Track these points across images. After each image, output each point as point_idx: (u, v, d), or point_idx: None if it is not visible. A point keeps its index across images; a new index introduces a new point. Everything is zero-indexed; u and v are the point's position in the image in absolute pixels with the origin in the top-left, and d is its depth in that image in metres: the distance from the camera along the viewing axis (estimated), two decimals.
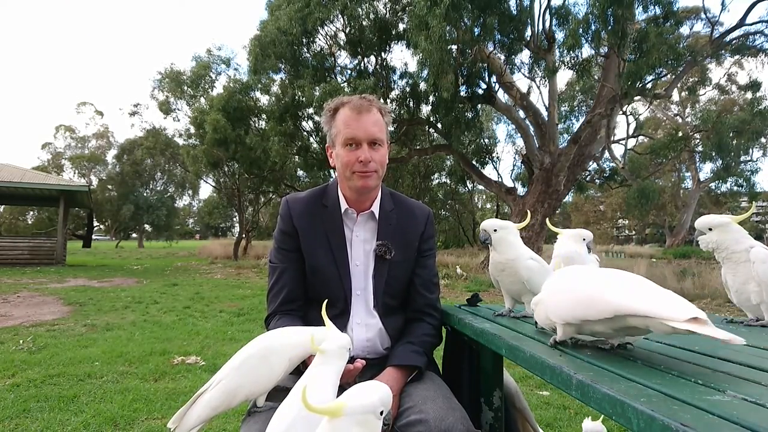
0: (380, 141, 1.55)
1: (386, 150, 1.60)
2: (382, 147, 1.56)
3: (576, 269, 1.17)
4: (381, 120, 1.57)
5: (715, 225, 1.48)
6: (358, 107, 1.53)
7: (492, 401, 1.60)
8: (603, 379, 0.86)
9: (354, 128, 1.52)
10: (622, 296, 0.97)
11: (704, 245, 1.52)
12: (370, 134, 1.52)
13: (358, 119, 1.52)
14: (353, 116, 1.52)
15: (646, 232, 59.08)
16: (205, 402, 1.27)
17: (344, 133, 1.53)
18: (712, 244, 1.49)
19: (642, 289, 1.00)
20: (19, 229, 41.91)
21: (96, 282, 11.65)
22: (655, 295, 0.97)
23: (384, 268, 1.60)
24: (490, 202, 36.69)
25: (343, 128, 1.53)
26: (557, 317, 1.11)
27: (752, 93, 16.74)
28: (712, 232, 1.49)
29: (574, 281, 1.11)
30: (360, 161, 1.51)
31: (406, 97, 15.41)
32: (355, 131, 1.51)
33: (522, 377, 3.94)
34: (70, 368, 4.03)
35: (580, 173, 15.68)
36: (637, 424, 0.72)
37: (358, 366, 1.33)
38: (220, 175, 25.06)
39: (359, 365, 1.34)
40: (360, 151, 1.51)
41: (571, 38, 11.23)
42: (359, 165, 1.51)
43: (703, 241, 1.51)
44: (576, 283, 1.09)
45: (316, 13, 14.03)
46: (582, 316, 1.04)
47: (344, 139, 1.53)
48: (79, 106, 54.01)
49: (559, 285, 1.14)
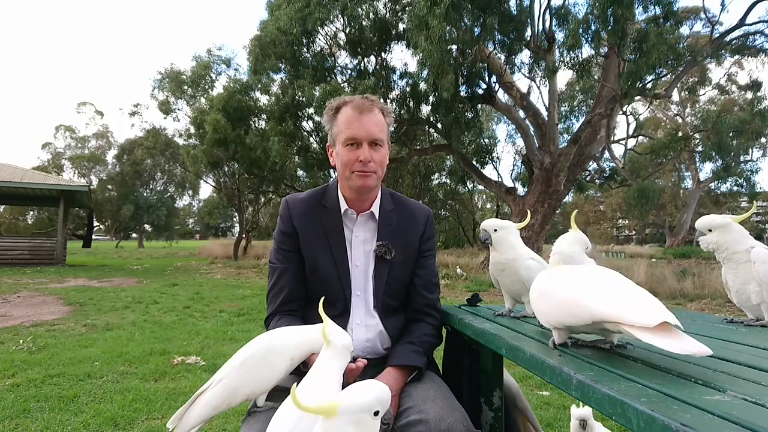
0: (381, 141, 1.55)
1: (386, 151, 1.60)
2: (382, 147, 1.56)
3: (558, 272, 1.16)
4: (382, 120, 1.57)
5: (716, 226, 1.48)
6: (360, 107, 1.53)
7: (492, 401, 1.60)
8: (603, 379, 0.86)
9: (355, 128, 1.52)
10: (595, 302, 0.96)
11: (705, 246, 1.51)
12: (370, 134, 1.52)
13: (359, 119, 1.52)
14: (355, 116, 1.53)
15: (646, 232, 59.09)
16: (205, 401, 1.27)
17: (345, 133, 1.53)
18: (712, 245, 1.49)
19: (616, 292, 0.98)
20: (19, 229, 41.95)
21: (96, 282, 11.65)
22: (627, 299, 0.95)
23: (384, 269, 1.60)
24: (490, 202, 36.70)
25: (345, 127, 1.53)
26: (546, 323, 1.12)
27: (752, 93, 16.74)
28: (712, 233, 1.49)
29: (554, 286, 1.10)
30: (360, 161, 1.51)
31: (406, 97, 15.40)
32: (356, 131, 1.52)
33: (522, 377, 3.94)
34: (70, 368, 4.03)
35: (580, 173, 15.67)
36: (637, 424, 0.72)
37: (359, 365, 1.33)
38: (220, 175, 25.06)
39: (361, 365, 1.34)
40: (360, 150, 1.52)
41: (571, 38, 11.22)
42: (359, 164, 1.52)
43: (704, 242, 1.51)
44: (556, 289, 1.09)
45: (316, 13, 14.03)
46: (567, 322, 1.05)
47: (345, 139, 1.53)
48: (79, 106, 54.02)
49: (542, 288, 1.14)
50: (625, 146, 17.00)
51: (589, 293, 0.99)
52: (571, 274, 1.12)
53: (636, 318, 0.89)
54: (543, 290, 1.13)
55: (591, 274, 1.08)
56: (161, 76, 25.40)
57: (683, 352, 0.84)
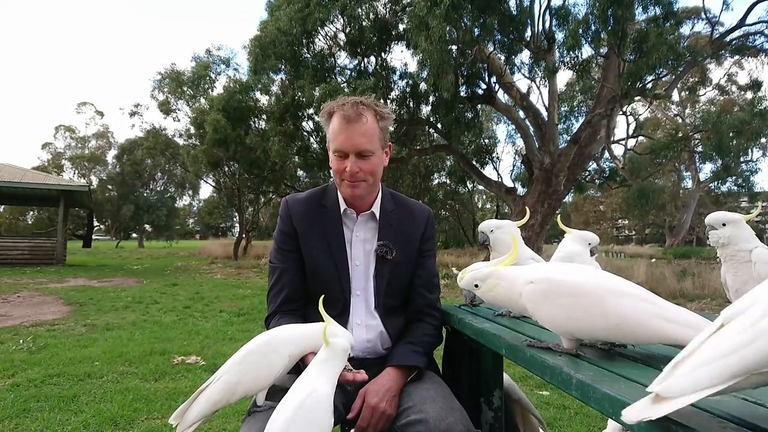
0: (368, 152, 1.52)
1: (379, 157, 1.57)
2: (372, 156, 1.53)
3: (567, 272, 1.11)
4: (373, 128, 1.53)
5: (729, 220, 1.49)
6: (347, 117, 1.51)
7: (492, 401, 1.60)
8: (603, 379, 0.87)
9: (341, 140, 1.51)
10: (663, 323, 0.96)
11: (715, 240, 1.50)
12: (356, 146, 1.50)
13: (345, 130, 1.51)
14: (342, 126, 1.51)
15: (646, 232, 59.08)
16: (206, 397, 1.29)
17: (333, 143, 1.54)
18: (724, 239, 1.49)
19: (667, 310, 0.97)
20: (19, 229, 41.89)
21: (96, 282, 11.65)
22: (689, 318, 0.97)
23: (385, 269, 1.61)
24: (490, 202, 36.66)
25: (333, 137, 1.54)
26: (563, 331, 1.07)
27: (752, 93, 16.74)
28: (725, 228, 1.49)
29: (576, 292, 1.05)
30: (346, 172, 1.52)
31: (406, 97, 15.40)
32: (342, 143, 1.51)
33: (522, 377, 3.94)
34: (70, 368, 4.03)
35: (580, 173, 15.68)
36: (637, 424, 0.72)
37: (358, 378, 1.32)
38: (220, 175, 25.06)
39: (359, 378, 1.33)
40: (347, 161, 1.52)
41: (571, 38, 11.23)
42: (346, 174, 1.52)
43: (715, 236, 1.50)
44: (582, 298, 1.02)
45: (316, 13, 14.02)
46: (598, 336, 1.04)
47: (333, 149, 1.55)
48: (79, 106, 53.83)
49: (549, 289, 1.07)
50: (625, 146, 17.03)
51: (649, 311, 0.96)
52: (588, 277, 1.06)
53: None
54: (550, 292, 1.05)
55: (603, 279, 1.05)
56: (161, 77, 25.41)
57: None
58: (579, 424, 3.08)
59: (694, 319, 0.97)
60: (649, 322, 0.95)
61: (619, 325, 0.97)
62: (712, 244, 1.52)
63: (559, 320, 1.04)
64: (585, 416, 3.18)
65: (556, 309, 1.04)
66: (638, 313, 0.96)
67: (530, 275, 1.10)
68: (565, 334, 1.06)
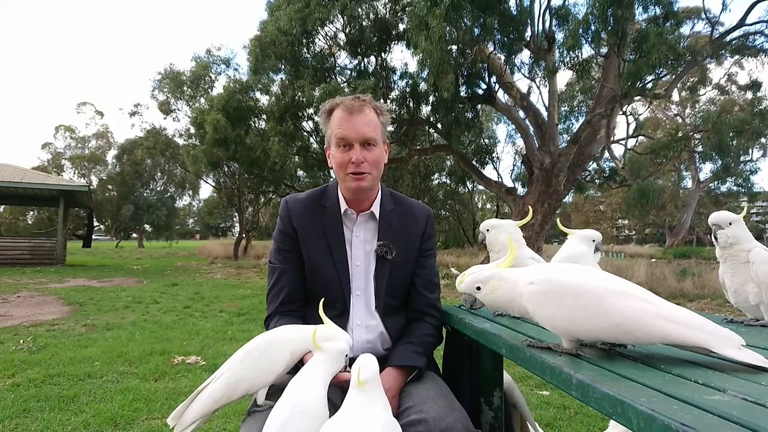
0: (373, 141, 1.54)
1: (381, 150, 1.59)
2: (376, 147, 1.55)
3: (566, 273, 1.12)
4: (375, 120, 1.55)
5: (734, 219, 1.49)
6: (350, 108, 1.53)
7: (492, 401, 1.60)
8: (603, 379, 0.87)
9: (346, 129, 1.52)
10: (667, 324, 0.97)
11: (724, 240, 1.49)
12: (361, 134, 1.51)
13: (349, 120, 1.52)
14: (345, 117, 1.52)
15: (646, 232, 59.06)
16: (207, 395, 1.29)
17: (336, 134, 1.53)
18: (732, 238, 1.48)
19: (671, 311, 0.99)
20: (19, 229, 41.85)
21: (96, 282, 11.65)
22: (695, 320, 0.99)
23: (386, 269, 1.60)
24: (490, 202, 36.64)
25: (336, 129, 1.54)
26: (563, 331, 1.07)
27: (752, 93, 16.73)
28: (731, 227, 1.48)
29: (576, 292, 1.05)
30: (352, 162, 1.51)
31: (406, 97, 15.38)
32: (347, 132, 1.51)
33: (522, 377, 3.94)
34: (70, 368, 4.03)
35: (580, 173, 15.66)
36: (637, 424, 0.72)
37: None
38: (220, 175, 25.05)
39: None
40: (352, 151, 1.52)
41: (571, 38, 11.21)
42: (352, 166, 1.52)
43: (723, 236, 1.49)
44: (583, 298, 1.03)
45: (316, 13, 14.01)
46: (598, 336, 1.04)
47: (337, 140, 1.54)
48: (79, 106, 54.00)
49: (550, 289, 1.07)
50: (625, 146, 17.00)
51: (649, 311, 0.97)
52: (589, 278, 1.06)
53: (721, 345, 0.94)
54: (551, 292, 1.06)
55: (607, 281, 1.05)
56: (161, 77, 25.41)
57: (761, 363, 0.91)
58: (579, 424, 3.08)
59: (694, 319, 0.97)
60: (649, 322, 0.95)
61: (620, 325, 0.97)
62: (720, 243, 1.50)
63: (559, 321, 1.04)
64: (585, 416, 3.18)
65: (556, 309, 1.04)
66: (638, 313, 0.97)
67: (531, 276, 1.10)
68: (565, 335, 1.06)
